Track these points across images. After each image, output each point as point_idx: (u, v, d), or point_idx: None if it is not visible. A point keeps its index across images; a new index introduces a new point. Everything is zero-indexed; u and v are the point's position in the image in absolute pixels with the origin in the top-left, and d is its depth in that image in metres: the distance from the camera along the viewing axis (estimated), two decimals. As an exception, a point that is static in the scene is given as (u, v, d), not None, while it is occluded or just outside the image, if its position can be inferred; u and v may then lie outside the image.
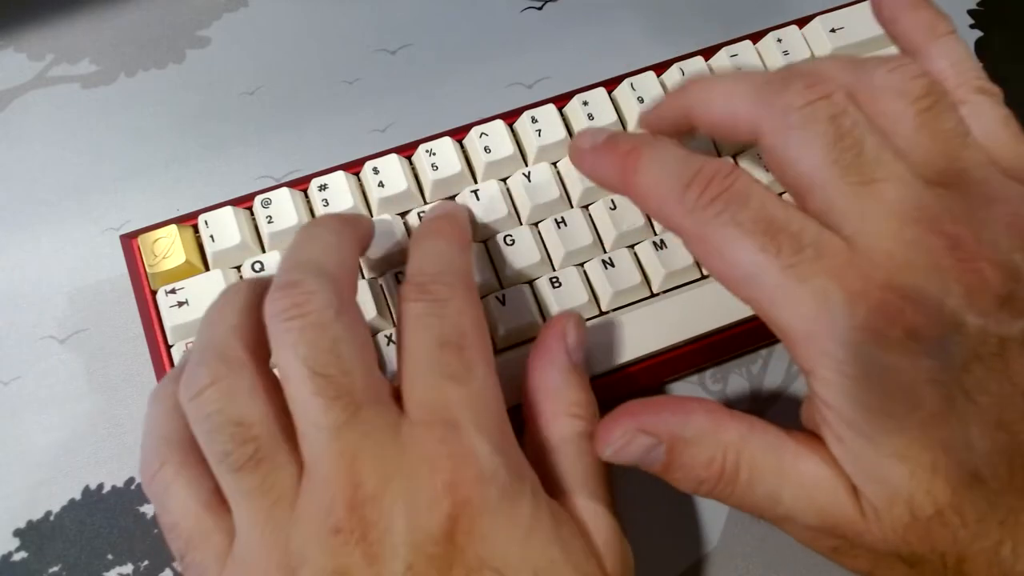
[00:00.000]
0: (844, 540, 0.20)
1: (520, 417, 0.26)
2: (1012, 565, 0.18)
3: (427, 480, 0.20)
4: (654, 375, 0.30)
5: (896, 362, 0.19)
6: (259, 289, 0.23)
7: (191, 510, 0.22)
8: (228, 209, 0.30)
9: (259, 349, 0.22)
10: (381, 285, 0.29)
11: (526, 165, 0.32)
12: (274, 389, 0.22)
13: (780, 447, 0.21)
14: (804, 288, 0.19)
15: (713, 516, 0.30)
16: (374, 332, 0.29)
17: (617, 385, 0.29)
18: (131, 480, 0.31)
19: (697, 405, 0.22)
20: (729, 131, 0.23)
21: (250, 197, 0.31)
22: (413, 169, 0.31)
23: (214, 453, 0.21)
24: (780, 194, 0.22)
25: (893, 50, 0.32)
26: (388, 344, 0.28)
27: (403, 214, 0.31)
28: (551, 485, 0.23)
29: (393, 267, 0.30)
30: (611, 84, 0.33)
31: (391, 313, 0.29)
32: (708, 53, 0.33)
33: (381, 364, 0.28)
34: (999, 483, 0.18)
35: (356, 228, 0.26)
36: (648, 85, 0.32)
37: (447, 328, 0.22)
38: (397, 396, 0.22)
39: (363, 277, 0.30)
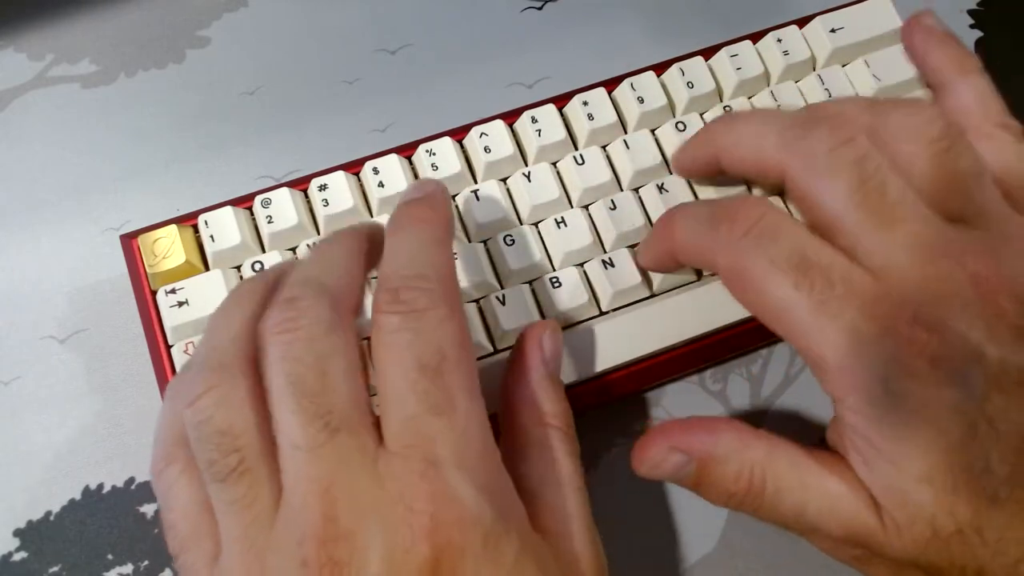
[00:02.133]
0: (866, 550, 0.21)
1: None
2: None
3: (404, 520, 0.19)
4: (654, 375, 0.30)
5: (922, 393, 0.20)
6: (266, 294, 0.23)
7: (189, 512, 0.21)
8: (228, 209, 0.30)
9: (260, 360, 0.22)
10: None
11: (526, 165, 0.32)
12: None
13: (803, 464, 0.22)
14: (836, 323, 0.20)
15: (713, 517, 0.30)
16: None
17: (617, 385, 0.29)
18: (131, 480, 0.31)
19: (725, 425, 0.23)
20: (756, 174, 0.25)
21: (250, 197, 0.31)
22: (413, 169, 0.31)
23: (201, 461, 0.21)
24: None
25: (897, 49, 0.33)
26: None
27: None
28: (527, 490, 0.23)
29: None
30: (611, 84, 0.33)
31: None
32: (708, 53, 0.33)
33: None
34: (1017, 505, 0.19)
35: (369, 244, 0.25)
36: (648, 85, 0.32)
37: (424, 347, 0.21)
38: (379, 423, 0.21)
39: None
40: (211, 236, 0.30)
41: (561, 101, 0.32)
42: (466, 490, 0.20)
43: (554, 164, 0.31)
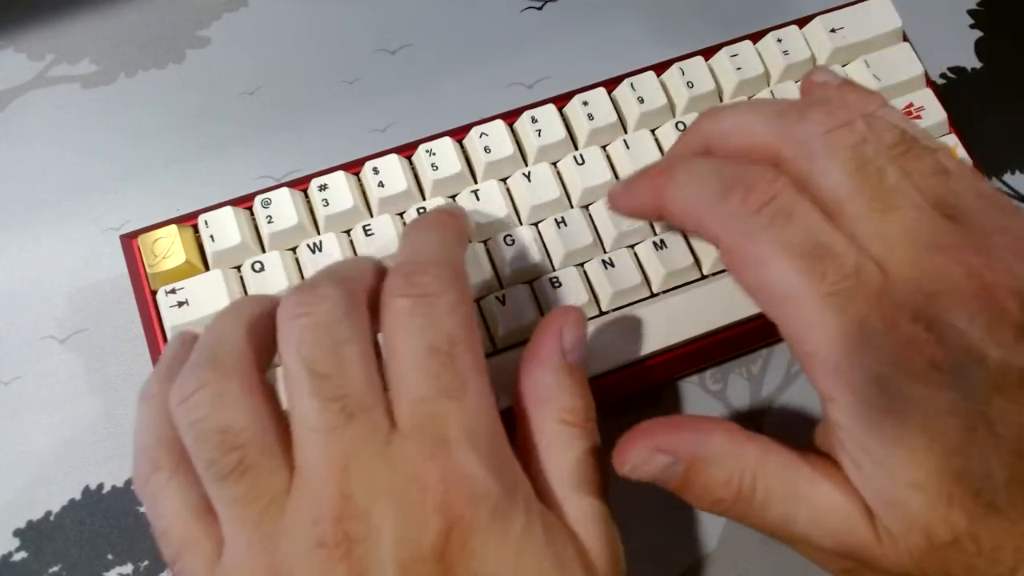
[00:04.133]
0: (858, 563, 0.20)
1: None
2: None
3: (417, 498, 0.19)
4: (654, 375, 0.30)
5: (919, 393, 0.19)
6: (263, 303, 0.23)
7: (182, 517, 0.21)
8: (228, 209, 0.30)
9: (255, 357, 0.22)
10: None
11: (526, 165, 0.32)
12: (267, 398, 0.21)
13: (796, 469, 0.21)
14: (840, 317, 0.19)
15: (713, 517, 0.30)
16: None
17: (617, 385, 0.29)
18: (131, 480, 0.31)
19: (716, 425, 0.22)
20: (748, 161, 0.23)
21: (250, 197, 0.31)
22: (413, 169, 0.31)
23: (200, 461, 0.21)
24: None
25: (898, 49, 0.33)
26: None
27: (402, 214, 0.31)
28: (540, 490, 0.23)
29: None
30: (611, 84, 0.33)
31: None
32: (708, 53, 0.33)
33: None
34: (1016, 512, 0.19)
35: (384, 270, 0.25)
36: (648, 85, 0.32)
37: (436, 332, 0.21)
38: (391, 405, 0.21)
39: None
40: (211, 236, 0.30)
41: (561, 101, 0.32)
42: (475, 469, 0.20)
43: (554, 164, 0.31)
